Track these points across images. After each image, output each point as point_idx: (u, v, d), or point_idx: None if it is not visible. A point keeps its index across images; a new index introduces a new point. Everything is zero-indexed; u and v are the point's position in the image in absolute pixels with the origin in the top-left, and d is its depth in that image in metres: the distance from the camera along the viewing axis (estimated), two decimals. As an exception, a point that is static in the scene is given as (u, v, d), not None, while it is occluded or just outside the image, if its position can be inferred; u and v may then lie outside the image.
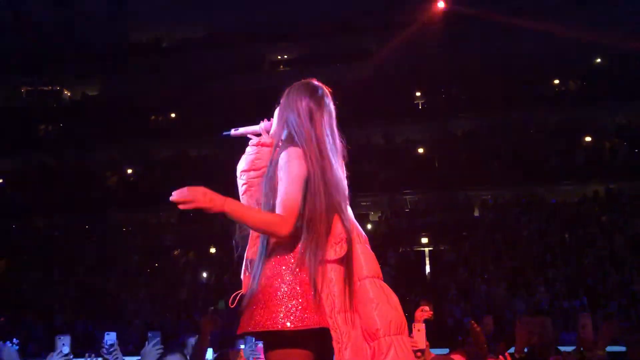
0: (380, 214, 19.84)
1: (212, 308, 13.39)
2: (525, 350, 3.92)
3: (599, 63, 21.77)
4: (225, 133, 2.64)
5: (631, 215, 16.55)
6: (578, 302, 12.90)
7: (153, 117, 23.68)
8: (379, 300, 2.30)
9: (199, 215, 19.88)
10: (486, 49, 20.19)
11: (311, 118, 2.41)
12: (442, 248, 17.53)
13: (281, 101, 2.51)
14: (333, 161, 2.40)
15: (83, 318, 14.72)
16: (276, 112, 2.53)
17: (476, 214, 19.29)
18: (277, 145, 2.45)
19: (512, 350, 4.06)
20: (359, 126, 19.08)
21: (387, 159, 20.30)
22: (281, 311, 2.18)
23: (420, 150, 21.04)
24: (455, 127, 21.06)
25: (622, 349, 5.87)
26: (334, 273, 2.28)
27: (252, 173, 2.51)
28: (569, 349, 4.92)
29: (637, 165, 18.30)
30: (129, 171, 22.71)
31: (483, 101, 20.21)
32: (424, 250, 17.94)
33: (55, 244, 19.47)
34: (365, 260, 2.37)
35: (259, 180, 2.47)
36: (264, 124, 2.58)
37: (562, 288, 13.72)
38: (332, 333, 2.22)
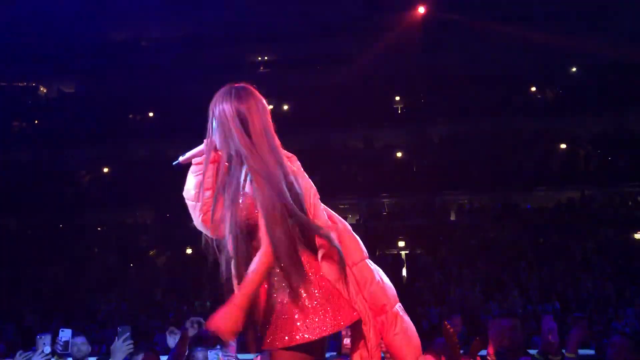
0: (357, 217, 19.89)
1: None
2: (498, 351, 3.97)
3: (574, 72, 22.13)
4: (175, 163, 2.58)
5: (604, 222, 16.83)
6: (550, 306, 13.06)
7: (130, 116, 23.43)
8: (377, 278, 2.39)
9: (175, 216, 19.80)
10: (465, 56, 20.41)
11: (243, 124, 2.36)
12: (419, 252, 17.64)
13: (210, 113, 2.45)
14: (280, 159, 2.33)
15: (55, 319, 14.47)
16: (213, 124, 2.45)
17: (452, 218, 19.46)
18: (217, 159, 2.42)
19: (483, 353, 4.10)
20: (338, 130, 19.10)
21: (366, 162, 20.38)
22: (303, 325, 2.23)
23: (399, 155, 21.17)
24: (433, 132, 21.24)
25: (592, 352, 5.98)
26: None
27: (207, 193, 2.45)
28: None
29: (611, 173, 18.63)
30: (105, 170, 22.43)
31: (461, 107, 20.42)
32: (400, 254, 18.04)
33: (27, 243, 19.13)
34: (354, 245, 2.41)
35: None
36: (206, 141, 2.50)
37: (535, 292, 13.89)
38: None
